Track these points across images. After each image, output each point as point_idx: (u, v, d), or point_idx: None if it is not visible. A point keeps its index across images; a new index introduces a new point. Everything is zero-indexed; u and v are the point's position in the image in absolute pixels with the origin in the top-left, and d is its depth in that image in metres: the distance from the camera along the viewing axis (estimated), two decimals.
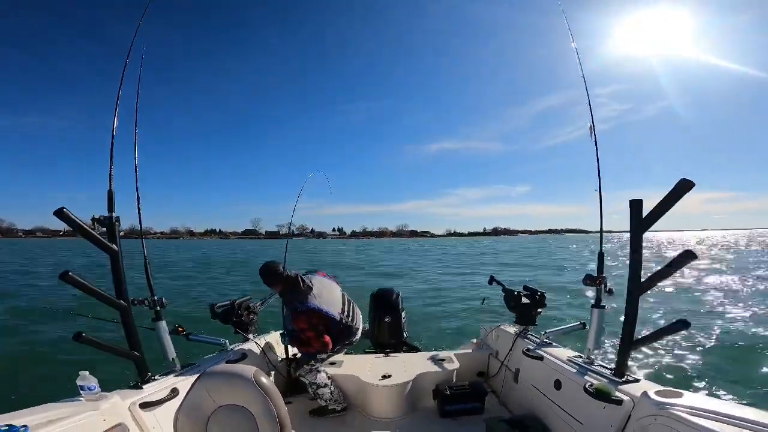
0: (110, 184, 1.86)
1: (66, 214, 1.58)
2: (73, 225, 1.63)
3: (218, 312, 2.83)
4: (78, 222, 1.64)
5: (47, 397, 1.57)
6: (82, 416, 1.48)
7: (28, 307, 8.98)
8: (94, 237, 1.71)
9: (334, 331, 2.73)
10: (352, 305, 2.96)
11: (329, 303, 2.72)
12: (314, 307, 2.60)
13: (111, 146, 1.92)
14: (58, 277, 1.59)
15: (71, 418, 1.44)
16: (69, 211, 1.59)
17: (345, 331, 2.80)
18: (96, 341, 1.71)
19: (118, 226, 1.83)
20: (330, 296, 2.79)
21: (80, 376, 1.58)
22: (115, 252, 1.80)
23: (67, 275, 1.59)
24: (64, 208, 1.58)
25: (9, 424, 1.29)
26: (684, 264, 1.66)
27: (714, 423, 1.33)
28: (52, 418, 1.40)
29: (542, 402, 2.37)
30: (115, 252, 1.80)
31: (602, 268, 2.30)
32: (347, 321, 2.80)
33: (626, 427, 1.69)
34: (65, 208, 1.58)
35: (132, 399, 1.72)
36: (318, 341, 2.61)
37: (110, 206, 1.84)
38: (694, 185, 1.60)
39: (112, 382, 1.78)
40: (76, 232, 1.68)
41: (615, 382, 1.88)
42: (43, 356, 5.49)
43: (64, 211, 1.58)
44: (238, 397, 1.66)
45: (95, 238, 1.72)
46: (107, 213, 1.82)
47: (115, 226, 1.82)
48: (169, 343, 2.11)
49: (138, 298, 2.03)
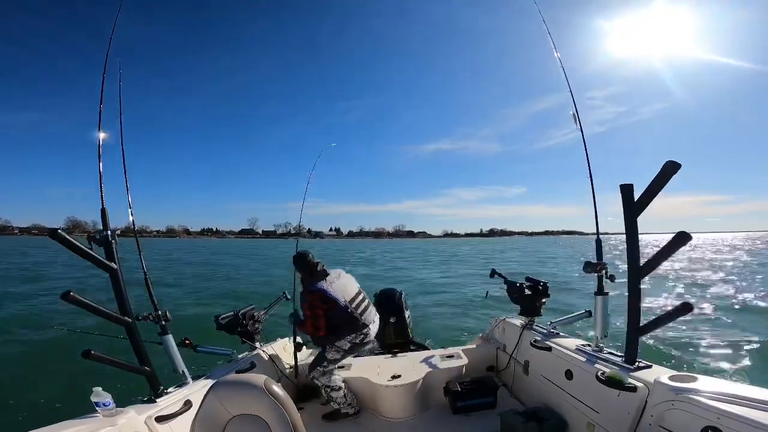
0: (102, 202, 1.84)
1: (61, 236, 1.55)
2: (70, 247, 1.60)
3: (223, 323, 2.81)
4: (74, 243, 1.61)
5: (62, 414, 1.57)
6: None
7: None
8: (92, 257, 1.69)
9: (338, 318, 2.64)
10: (366, 302, 2.87)
11: (338, 289, 2.69)
12: (320, 288, 2.62)
13: (99, 164, 1.90)
14: (60, 297, 1.57)
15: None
16: (64, 233, 1.56)
17: (351, 323, 2.67)
18: (106, 358, 1.70)
19: (115, 244, 1.81)
20: (342, 285, 2.76)
21: (94, 393, 1.57)
22: (114, 270, 1.78)
23: (68, 295, 1.57)
24: (59, 230, 1.55)
25: None
26: (680, 246, 1.68)
27: (734, 406, 1.32)
28: None
29: (555, 392, 2.37)
30: (114, 270, 1.78)
31: (601, 255, 2.32)
32: (354, 311, 2.69)
33: (644, 414, 1.69)
34: (60, 230, 1.55)
35: (147, 413, 1.72)
36: (311, 322, 2.60)
37: (104, 224, 1.82)
38: (680, 166, 1.65)
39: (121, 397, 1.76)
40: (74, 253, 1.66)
41: (626, 369, 1.89)
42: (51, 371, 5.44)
43: (59, 233, 1.55)
44: (251, 406, 1.65)
45: (94, 258, 1.70)
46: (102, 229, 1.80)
47: (111, 244, 1.79)
48: (178, 356, 2.10)
49: (142, 313, 2.02)
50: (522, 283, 3.05)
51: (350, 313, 2.67)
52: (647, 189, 1.74)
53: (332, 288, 2.66)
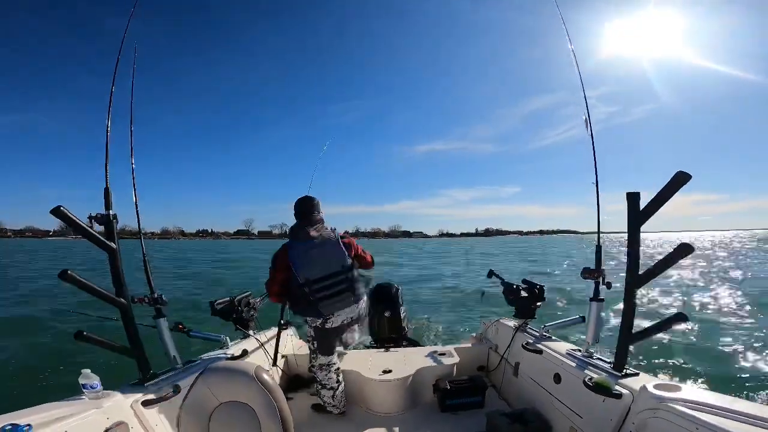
0: (106, 181, 1.85)
1: (63, 212, 1.56)
2: (71, 223, 1.62)
3: (218, 309, 2.82)
4: (75, 220, 1.63)
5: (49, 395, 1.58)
6: (86, 414, 1.48)
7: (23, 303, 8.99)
8: (92, 235, 1.70)
9: (294, 290, 2.35)
10: (336, 290, 2.36)
11: (305, 260, 2.32)
12: (285, 245, 2.38)
13: (106, 144, 1.90)
14: (58, 275, 1.58)
15: (75, 416, 1.44)
16: (66, 210, 1.58)
17: (307, 303, 2.34)
18: (97, 339, 1.71)
19: (115, 224, 1.82)
20: (313, 258, 2.33)
21: (82, 375, 1.59)
22: (113, 250, 1.78)
23: (66, 274, 1.58)
24: (62, 207, 1.56)
25: (13, 423, 1.29)
26: (681, 257, 1.67)
27: (713, 417, 1.34)
28: (56, 416, 1.41)
29: (542, 396, 2.39)
30: (113, 250, 1.78)
31: (601, 262, 2.32)
32: (311, 293, 2.30)
33: (626, 421, 1.70)
34: (62, 207, 1.57)
35: (134, 397, 1.72)
36: (269, 277, 2.44)
37: (107, 204, 1.83)
38: (690, 177, 1.61)
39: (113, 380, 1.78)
40: (74, 230, 1.67)
41: (614, 375, 1.89)
42: (43, 355, 5.50)
43: (61, 209, 1.56)
44: (240, 393, 1.66)
45: (93, 236, 1.71)
46: (104, 210, 1.81)
47: (113, 224, 1.81)
48: (170, 341, 2.11)
49: (138, 295, 2.03)
50: (518, 285, 3.06)
51: (305, 292, 2.31)
52: (655, 198, 1.71)
53: (301, 255, 2.32)
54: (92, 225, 1.75)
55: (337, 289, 2.35)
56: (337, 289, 2.36)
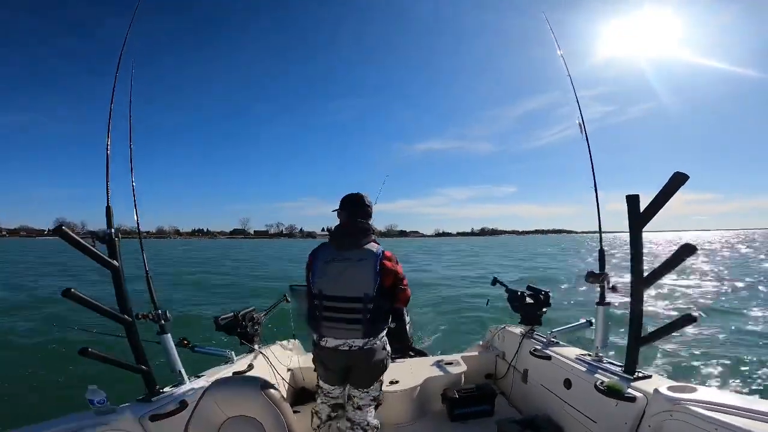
0: (107, 200, 1.86)
1: (65, 232, 1.56)
2: (73, 243, 1.62)
3: (222, 324, 2.81)
4: (77, 240, 1.62)
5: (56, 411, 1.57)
6: (94, 430, 1.49)
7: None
8: (94, 254, 1.71)
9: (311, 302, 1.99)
10: (342, 315, 1.91)
11: (326, 271, 1.92)
12: (314, 251, 2.02)
13: (107, 162, 1.92)
14: (61, 294, 1.58)
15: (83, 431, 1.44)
16: (68, 230, 1.57)
17: (311, 317, 1.97)
18: (102, 355, 1.70)
19: (118, 242, 1.83)
20: (337, 272, 1.91)
21: (89, 391, 1.58)
22: (116, 268, 1.79)
23: (69, 292, 1.58)
24: (63, 226, 1.57)
25: None
26: (684, 258, 1.67)
27: (730, 417, 1.32)
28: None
29: (553, 402, 2.35)
30: (116, 268, 1.79)
31: (604, 265, 2.32)
32: (317, 308, 1.93)
33: (641, 424, 1.68)
34: (63, 226, 1.57)
35: (142, 412, 1.72)
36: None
37: (109, 222, 1.84)
38: (688, 178, 1.63)
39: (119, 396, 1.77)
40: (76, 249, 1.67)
41: (626, 379, 1.87)
42: (50, 370, 5.46)
43: (63, 229, 1.56)
44: (247, 407, 1.65)
45: (95, 255, 1.71)
46: (106, 228, 1.81)
47: (115, 242, 1.81)
48: (176, 356, 2.10)
49: (142, 312, 2.03)
50: (523, 291, 3.04)
51: (313, 303, 1.95)
52: (654, 200, 1.73)
53: (321, 265, 1.95)
54: (94, 243, 1.75)
55: (346, 317, 1.91)
56: (348, 317, 1.91)
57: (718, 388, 3.81)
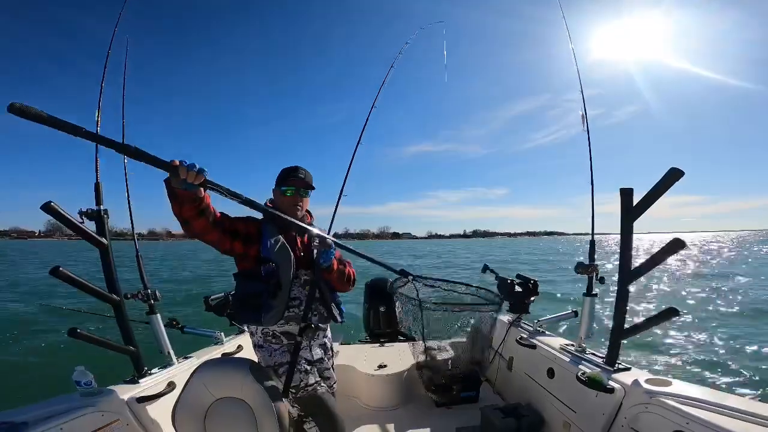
0: (97, 176, 1.82)
1: (53, 208, 1.54)
2: (61, 219, 1.59)
3: (213, 304, 2.81)
4: (66, 216, 1.60)
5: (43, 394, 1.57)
6: (81, 412, 1.48)
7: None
8: (83, 231, 1.68)
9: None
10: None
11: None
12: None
13: (96, 129, 1.88)
14: (49, 272, 1.56)
15: (69, 414, 1.44)
16: (57, 205, 1.55)
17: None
18: (91, 336, 1.69)
19: (107, 219, 1.80)
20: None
21: (76, 372, 1.58)
22: (104, 246, 1.76)
23: (58, 270, 1.56)
24: (52, 202, 1.54)
25: (8, 421, 1.28)
26: (673, 252, 1.68)
27: (702, 411, 1.37)
28: (51, 414, 1.40)
29: (536, 390, 2.41)
30: (104, 246, 1.76)
31: (594, 257, 2.34)
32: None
33: (618, 415, 1.73)
34: (53, 202, 1.54)
35: (129, 394, 1.72)
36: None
37: (98, 199, 1.80)
38: (683, 174, 1.63)
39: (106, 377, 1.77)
40: (65, 226, 1.65)
41: (607, 370, 1.92)
42: (36, 352, 5.45)
43: (52, 205, 1.53)
44: (235, 389, 1.66)
45: (84, 232, 1.69)
46: (95, 206, 1.78)
47: (104, 219, 1.78)
48: (164, 337, 2.10)
49: (131, 291, 2.02)
50: (513, 279, 3.08)
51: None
52: (647, 195, 1.73)
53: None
54: (83, 221, 1.73)
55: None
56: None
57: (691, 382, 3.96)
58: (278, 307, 1.72)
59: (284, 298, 1.73)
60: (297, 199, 1.85)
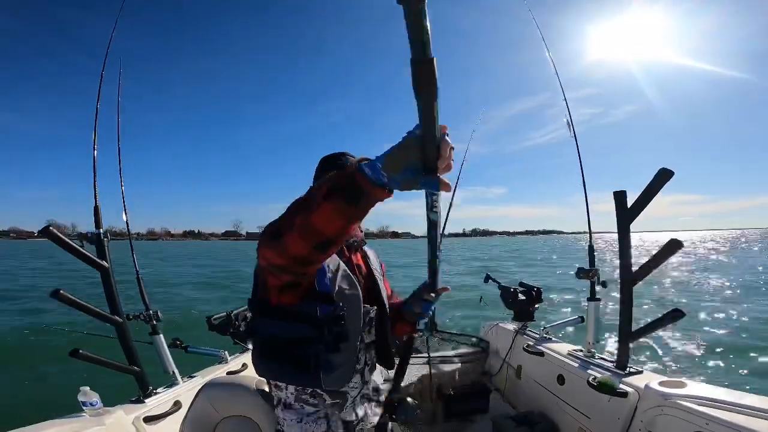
0: (95, 199, 1.84)
1: (52, 232, 1.54)
2: (60, 244, 1.59)
3: (215, 324, 2.78)
4: (65, 240, 1.60)
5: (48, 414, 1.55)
6: None
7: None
8: (83, 255, 1.69)
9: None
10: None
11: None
12: None
13: (93, 161, 1.91)
14: (49, 295, 1.56)
15: None
16: (55, 230, 1.55)
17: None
18: (94, 357, 1.68)
19: (107, 242, 1.81)
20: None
21: (81, 392, 1.56)
22: (105, 269, 1.77)
23: (59, 293, 1.56)
24: (50, 227, 1.54)
25: None
26: (672, 253, 1.70)
27: (720, 411, 1.35)
28: None
29: (547, 397, 2.38)
30: (105, 269, 1.77)
31: (594, 261, 2.35)
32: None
33: (633, 419, 1.70)
34: (51, 227, 1.54)
35: (136, 413, 1.70)
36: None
37: (97, 222, 1.82)
38: (673, 174, 1.67)
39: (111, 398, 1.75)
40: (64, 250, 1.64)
41: (618, 374, 1.90)
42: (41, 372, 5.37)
43: (51, 230, 1.54)
44: (242, 407, 1.63)
45: (84, 256, 1.69)
46: (94, 229, 1.79)
47: (104, 243, 1.79)
48: (168, 356, 2.08)
49: (133, 312, 2.01)
50: (516, 288, 3.07)
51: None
52: (640, 196, 1.76)
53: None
54: (83, 244, 1.73)
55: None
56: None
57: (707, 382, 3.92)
58: (345, 366, 1.20)
59: (351, 354, 1.21)
60: None
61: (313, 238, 0.78)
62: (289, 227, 0.80)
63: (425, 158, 0.64)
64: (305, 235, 0.78)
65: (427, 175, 0.66)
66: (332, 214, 0.74)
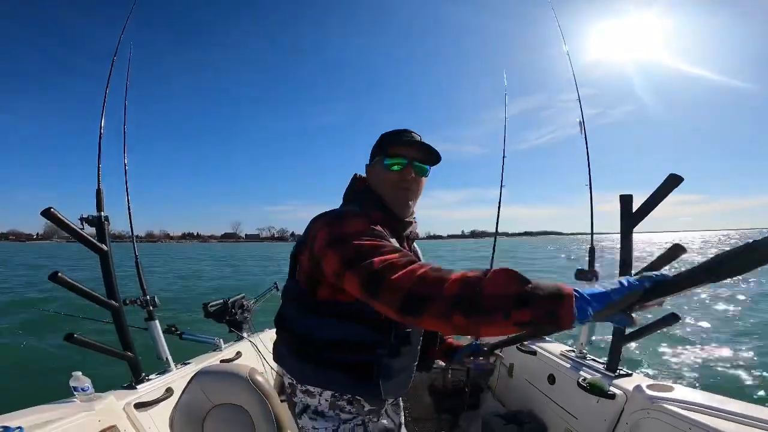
0: (98, 182, 1.84)
1: (53, 214, 1.55)
2: (61, 225, 1.61)
3: (211, 311, 2.79)
4: (66, 222, 1.61)
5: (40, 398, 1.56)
6: (77, 417, 1.47)
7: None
8: (83, 237, 1.70)
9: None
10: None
11: None
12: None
13: (99, 144, 1.92)
14: (48, 278, 1.57)
15: (66, 419, 1.43)
16: (56, 211, 1.56)
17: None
18: (88, 341, 1.69)
19: (107, 226, 1.82)
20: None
21: (73, 377, 1.57)
22: (104, 252, 1.78)
23: (56, 276, 1.57)
24: (52, 208, 1.55)
25: (4, 425, 1.28)
26: (674, 258, 1.68)
27: (705, 416, 1.36)
28: (47, 419, 1.39)
29: (537, 397, 2.39)
30: (104, 252, 1.78)
31: (594, 263, 2.35)
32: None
33: (619, 421, 1.71)
34: (53, 208, 1.56)
35: (127, 399, 1.71)
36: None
37: (99, 205, 1.83)
38: (683, 180, 1.63)
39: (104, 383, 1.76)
40: (65, 231, 1.66)
41: (608, 376, 1.91)
42: (34, 358, 5.41)
43: (52, 211, 1.55)
44: (234, 396, 1.65)
45: (84, 238, 1.70)
46: (95, 212, 1.80)
47: (104, 226, 1.80)
48: (163, 343, 2.09)
49: (130, 297, 2.02)
50: None
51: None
52: (647, 201, 1.73)
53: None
54: (83, 227, 1.74)
55: None
56: None
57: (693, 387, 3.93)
58: (406, 371, 1.13)
59: (412, 359, 1.14)
60: (409, 175, 1.10)
61: (460, 333, 0.72)
62: (443, 313, 0.67)
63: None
64: (454, 329, 0.69)
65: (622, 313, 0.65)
66: (506, 331, 0.67)
